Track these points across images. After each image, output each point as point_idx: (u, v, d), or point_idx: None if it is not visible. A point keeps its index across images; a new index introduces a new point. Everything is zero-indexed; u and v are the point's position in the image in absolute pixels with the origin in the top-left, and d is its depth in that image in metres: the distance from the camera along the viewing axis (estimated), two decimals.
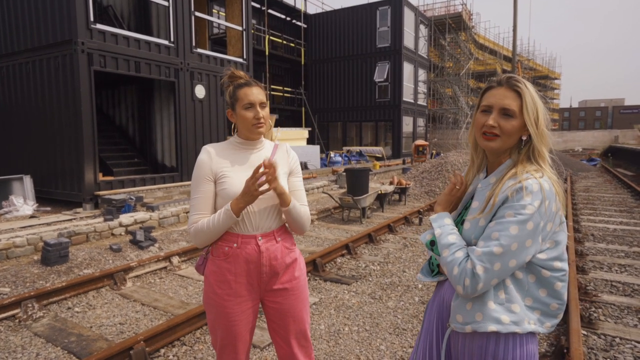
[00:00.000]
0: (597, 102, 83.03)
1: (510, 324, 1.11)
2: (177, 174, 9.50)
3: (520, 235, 1.09)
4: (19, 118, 8.66)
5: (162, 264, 4.83)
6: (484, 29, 41.57)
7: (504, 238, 1.09)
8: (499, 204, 1.14)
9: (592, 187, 12.19)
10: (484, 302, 1.14)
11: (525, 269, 1.14)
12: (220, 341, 1.66)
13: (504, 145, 1.20)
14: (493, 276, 1.11)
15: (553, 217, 1.12)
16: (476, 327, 1.13)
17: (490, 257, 1.10)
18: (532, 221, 1.09)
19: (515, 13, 17.70)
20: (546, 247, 1.13)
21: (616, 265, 4.80)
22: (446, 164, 11.67)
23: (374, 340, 3.09)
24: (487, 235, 1.13)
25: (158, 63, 8.83)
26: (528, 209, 1.08)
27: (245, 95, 1.61)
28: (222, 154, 1.65)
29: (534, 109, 1.18)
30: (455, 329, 1.19)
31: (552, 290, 1.14)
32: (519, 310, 1.12)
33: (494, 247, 1.10)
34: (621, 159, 24.52)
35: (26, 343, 3.11)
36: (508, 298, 1.13)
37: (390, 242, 5.97)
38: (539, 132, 1.18)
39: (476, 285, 1.12)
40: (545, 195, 1.10)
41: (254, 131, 1.64)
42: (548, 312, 1.15)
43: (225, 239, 1.62)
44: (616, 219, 7.49)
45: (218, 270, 1.63)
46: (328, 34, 23.41)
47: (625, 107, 73.81)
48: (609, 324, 3.33)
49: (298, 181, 1.75)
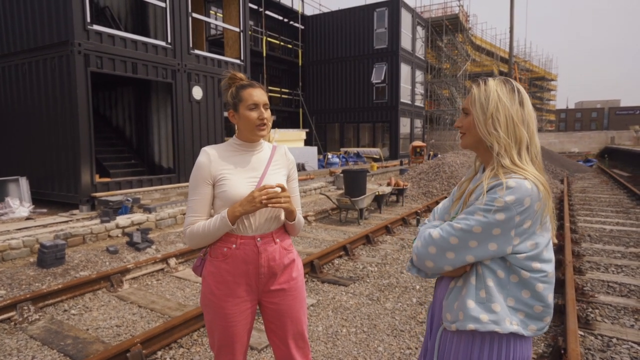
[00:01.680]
0: (593, 103, 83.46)
1: (489, 323, 1.11)
2: (174, 175, 9.47)
3: (485, 222, 1.10)
4: (15, 119, 8.62)
5: (159, 265, 4.81)
6: (480, 31, 41.78)
7: (467, 219, 1.13)
8: (475, 198, 1.16)
9: (588, 188, 12.24)
10: (464, 302, 1.15)
11: (507, 268, 1.14)
12: (217, 342, 1.67)
13: (468, 140, 1.26)
14: (449, 248, 1.15)
15: (533, 216, 1.11)
16: (459, 326, 1.16)
17: (450, 228, 1.16)
18: (503, 213, 1.09)
19: (512, 15, 17.78)
20: (525, 247, 1.12)
21: (613, 266, 4.81)
22: (443, 165, 11.70)
23: (371, 342, 3.09)
24: (456, 217, 1.19)
25: (155, 64, 8.81)
26: (497, 201, 1.09)
27: (250, 96, 1.61)
28: (222, 156, 1.65)
29: (482, 102, 1.19)
30: (445, 327, 1.22)
31: (534, 291, 1.12)
32: (500, 310, 1.12)
33: (455, 223, 1.16)
34: (617, 160, 24.64)
35: (22, 346, 3.09)
36: (489, 297, 1.13)
37: (387, 244, 5.97)
38: (487, 127, 1.18)
39: (427, 246, 1.18)
40: (524, 193, 1.09)
41: (256, 132, 1.64)
42: (532, 315, 1.14)
43: (224, 240, 1.62)
44: (612, 219, 7.52)
45: (216, 271, 1.63)
46: (325, 36, 23.44)
47: (621, 108, 74.25)
48: (606, 324, 3.34)
49: (295, 187, 1.78)
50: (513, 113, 1.17)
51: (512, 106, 1.18)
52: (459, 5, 26.57)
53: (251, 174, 1.64)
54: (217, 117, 10.37)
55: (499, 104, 1.18)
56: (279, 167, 1.71)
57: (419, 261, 1.22)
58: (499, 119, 1.17)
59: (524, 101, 1.19)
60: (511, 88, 1.20)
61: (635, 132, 38.41)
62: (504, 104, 1.17)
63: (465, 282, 1.18)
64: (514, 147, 1.16)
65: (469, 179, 1.35)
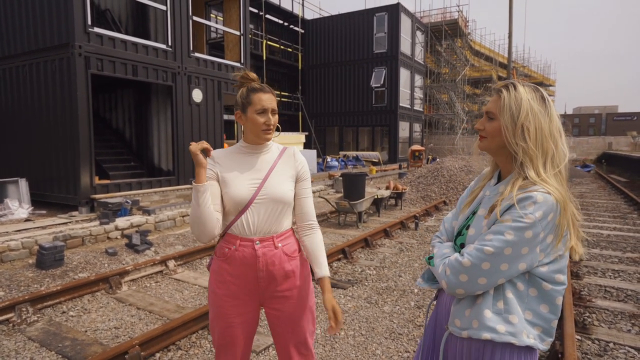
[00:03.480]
0: (591, 108, 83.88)
1: (506, 334, 1.10)
2: (174, 177, 9.48)
3: (515, 241, 1.07)
4: (15, 121, 8.63)
5: (158, 267, 4.81)
6: (479, 36, 41.98)
7: (497, 240, 1.09)
8: (502, 212, 1.13)
9: (586, 193, 12.28)
10: (480, 310, 1.13)
11: (526, 281, 1.12)
12: (217, 342, 1.68)
13: (490, 145, 1.23)
14: (480, 274, 1.11)
15: (554, 230, 1.09)
16: (472, 334, 1.14)
17: (480, 254, 1.11)
18: (531, 230, 1.07)
19: (511, 20, 17.89)
20: (548, 259, 1.11)
21: (610, 271, 4.83)
22: (442, 169, 11.72)
23: (369, 345, 3.10)
24: (483, 237, 1.14)
25: (155, 67, 8.84)
26: (528, 217, 1.07)
27: (260, 100, 1.60)
28: (228, 157, 1.66)
29: (512, 111, 1.15)
30: (453, 332, 1.20)
31: (552, 305, 1.12)
32: (517, 322, 1.11)
33: (485, 247, 1.11)
34: (615, 165, 24.71)
35: (20, 347, 3.09)
36: (507, 309, 1.12)
37: (386, 247, 5.98)
38: (516, 136, 1.14)
39: (458, 274, 1.13)
40: (549, 208, 1.07)
41: (262, 136, 1.63)
42: (548, 330, 1.13)
43: (227, 240, 1.63)
44: (610, 224, 7.55)
45: (219, 270, 1.64)
46: (325, 40, 23.54)
47: (619, 114, 74.58)
48: (603, 329, 3.36)
49: (306, 188, 1.73)
50: (543, 124, 1.14)
51: (544, 117, 1.14)
52: (458, 11, 26.73)
53: (254, 175, 1.63)
54: (216, 120, 10.39)
55: (530, 114, 1.14)
56: (286, 168, 1.68)
57: (450, 289, 1.16)
58: (529, 129, 1.13)
59: (552, 111, 1.16)
60: (541, 97, 1.17)
61: (632, 138, 38.56)
62: (535, 114, 1.14)
63: None
64: (540, 159, 1.13)
65: (480, 186, 1.33)
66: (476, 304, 1.15)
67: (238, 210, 1.60)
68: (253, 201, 1.60)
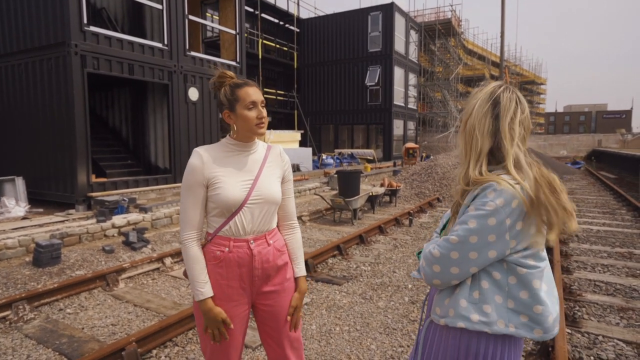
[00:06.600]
0: (582, 107, 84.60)
1: (479, 323, 1.13)
2: (170, 175, 9.49)
3: (478, 229, 1.10)
4: (11, 119, 8.59)
5: (155, 265, 4.84)
6: (472, 35, 42.16)
7: (462, 230, 1.13)
8: (469, 202, 1.17)
9: (576, 189, 12.42)
10: (457, 299, 1.17)
11: (504, 270, 1.14)
12: (210, 347, 1.60)
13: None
14: (451, 264, 1.15)
15: (523, 218, 1.10)
16: (448, 322, 1.18)
17: (447, 244, 1.16)
18: (494, 217, 1.09)
19: (503, 20, 18.01)
20: (522, 246, 1.12)
21: (599, 265, 4.92)
22: (436, 166, 11.81)
23: (364, 340, 3.15)
24: (451, 229, 1.21)
25: (151, 65, 8.83)
26: (489, 205, 1.09)
27: (247, 95, 1.55)
28: (215, 157, 1.58)
29: (468, 109, 1.23)
30: (433, 319, 1.26)
31: (531, 289, 1.12)
32: (491, 311, 1.13)
33: (451, 236, 1.16)
34: (604, 162, 24.96)
35: (17, 345, 3.10)
36: (482, 298, 1.14)
37: (380, 243, 6.05)
38: (466, 130, 1.22)
39: (431, 265, 1.19)
40: (511, 195, 1.09)
41: (256, 131, 1.58)
42: (535, 318, 1.12)
43: (217, 242, 1.57)
44: (599, 220, 7.66)
45: (210, 275, 1.57)
46: (320, 39, 23.56)
47: (608, 112, 75.38)
48: (593, 322, 3.43)
49: (290, 188, 1.74)
50: (472, 109, 1.22)
51: (485, 116, 1.20)
52: (451, 10, 26.86)
53: (245, 176, 1.59)
54: (212, 118, 10.41)
55: (470, 104, 1.24)
56: (274, 168, 1.66)
57: (427, 280, 1.21)
58: (469, 120, 1.23)
59: (503, 109, 1.19)
60: (489, 95, 1.21)
61: (621, 136, 38.96)
62: (476, 102, 1.22)
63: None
64: (475, 155, 1.20)
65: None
66: (454, 294, 1.19)
67: (231, 212, 1.55)
68: (246, 202, 1.56)
